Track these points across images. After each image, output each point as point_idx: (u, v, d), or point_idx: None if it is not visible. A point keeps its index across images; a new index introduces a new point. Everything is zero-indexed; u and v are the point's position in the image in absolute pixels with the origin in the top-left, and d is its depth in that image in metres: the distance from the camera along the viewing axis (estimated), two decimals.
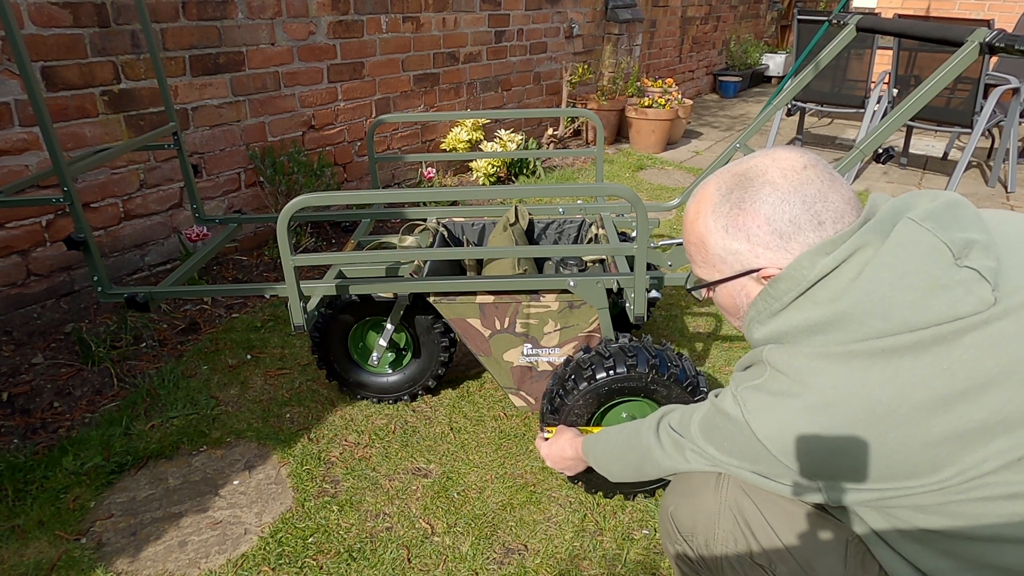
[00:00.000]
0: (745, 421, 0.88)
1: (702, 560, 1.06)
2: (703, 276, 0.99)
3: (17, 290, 2.46)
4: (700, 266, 0.98)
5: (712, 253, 0.93)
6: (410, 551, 1.58)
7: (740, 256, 0.91)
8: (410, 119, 1.97)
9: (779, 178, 0.87)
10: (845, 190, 0.87)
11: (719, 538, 1.03)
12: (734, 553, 1.01)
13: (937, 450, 0.77)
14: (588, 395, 1.58)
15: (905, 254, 0.79)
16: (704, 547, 1.05)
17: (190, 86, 2.84)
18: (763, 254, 0.89)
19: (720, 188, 0.92)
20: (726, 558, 1.02)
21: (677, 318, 2.67)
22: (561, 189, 1.48)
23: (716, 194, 0.92)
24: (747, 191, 0.89)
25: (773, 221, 0.87)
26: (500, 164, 4.30)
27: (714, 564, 1.04)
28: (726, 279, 0.94)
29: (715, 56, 8.28)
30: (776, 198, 0.87)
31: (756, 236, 0.88)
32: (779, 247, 0.87)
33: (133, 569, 1.53)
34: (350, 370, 2.05)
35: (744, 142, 2.08)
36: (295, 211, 1.41)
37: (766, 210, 0.87)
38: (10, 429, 1.96)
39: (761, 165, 0.90)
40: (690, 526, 1.07)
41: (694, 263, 0.99)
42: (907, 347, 0.78)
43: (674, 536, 1.11)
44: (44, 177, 1.66)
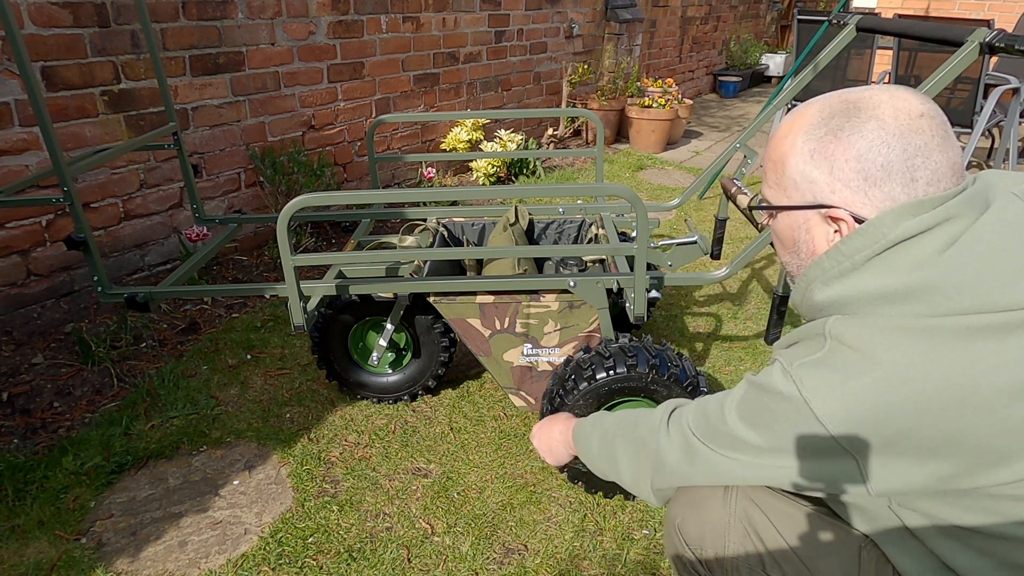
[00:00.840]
0: (803, 399, 0.79)
1: (709, 572, 1.04)
2: (770, 198, 0.92)
3: (17, 290, 2.46)
4: (771, 186, 0.91)
5: (788, 176, 0.86)
6: (410, 551, 1.58)
7: (815, 187, 0.84)
8: (410, 119, 1.97)
9: (889, 117, 0.79)
10: (953, 153, 0.79)
11: (730, 550, 1.01)
12: (746, 565, 1.00)
13: (1010, 440, 0.72)
14: (588, 395, 1.58)
15: (1005, 229, 0.74)
16: (714, 560, 1.03)
17: (190, 86, 2.84)
18: (840, 191, 0.82)
19: (823, 111, 0.84)
20: (737, 570, 1.00)
21: (677, 318, 2.67)
22: (561, 189, 1.48)
23: (816, 115, 0.84)
24: (849, 120, 0.81)
25: (864, 159, 0.79)
26: (500, 164, 4.30)
27: (721, 574, 1.03)
28: (792, 207, 0.87)
29: (715, 56, 8.28)
30: (877, 137, 0.79)
31: (840, 170, 0.81)
32: (859, 189, 0.80)
33: (133, 569, 1.53)
34: (350, 370, 2.05)
35: (744, 142, 2.08)
36: (295, 211, 1.40)
37: (861, 146, 0.79)
38: (10, 429, 1.96)
39: (876, 99, 0.81)
40: (698, 538, 1.05)
41: (766, 181, 0.93)
42: (993, 328, 0.72)
43: (681, 548, 1.08)
44: (44, 177, 1.66)
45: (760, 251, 1.68)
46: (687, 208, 3.97)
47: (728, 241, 3.41)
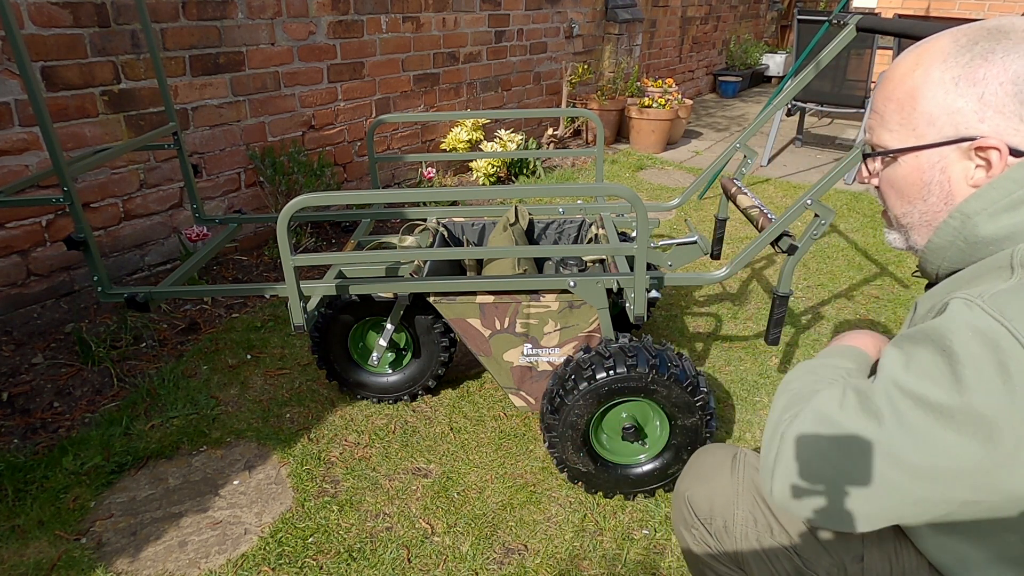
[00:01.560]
0: (1007, 330, 0.64)
1: (720, 544, 1.04)
2: (888, 142, 0.83)
3: (17, 290, 2.46)
4: (892, 129, 0.82)
5: (921, 111, 0.78)
6: (410, 551, 1.58)
7: (959, 118, 0.76)
8: (410, 119, 1.97)
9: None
10: None
11: (738, 519, 1.00)
12: (755, 534, 0.99)
13: None
14: (588, 395, 1.58)
15: None
16: (723, 530, 1.02)
17: (190, 86, 2.84)
18: (991, 119, 0.74)
19: (959, 40, 0.77)
20: (746, 539, 1.00)
21: (677, 318, 2.67)
22: (561, 189, 1.48)
23: (952, 45, 0.77)
24: (1000, 43, 0.74)
25: (1021, 82, 0.72)
26: (500, 164, 4.30)
27: (733, 547, 1.02)
28: (926, 146, 0.79)
29: (715, 56, 8.28)
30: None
31: (993, 96, 0.74)
32: (1014, 115, 0.73)
33: (133, 569, 1.53)
34: (350, 370, 2.05)
35: (744, 142, 2.08)
36: (295, 211, 1.40)
37: (1017, 68, 0.72)
38: (10, 429, 1.96)
39: (1020, 23, 0.75)
40: (707, 509, 1.04)
41: (882, 126, 0.83)
42: None
43: (690, 521, 1.08)
44: (44, 177, 1.66)
45: (760, 251, 1.68)
46: (687, 208, 3.97)
47: (728, 241, 3.41)
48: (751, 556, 0.99)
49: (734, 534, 1.01)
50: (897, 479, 0.70)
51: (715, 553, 1.06)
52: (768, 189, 4.37)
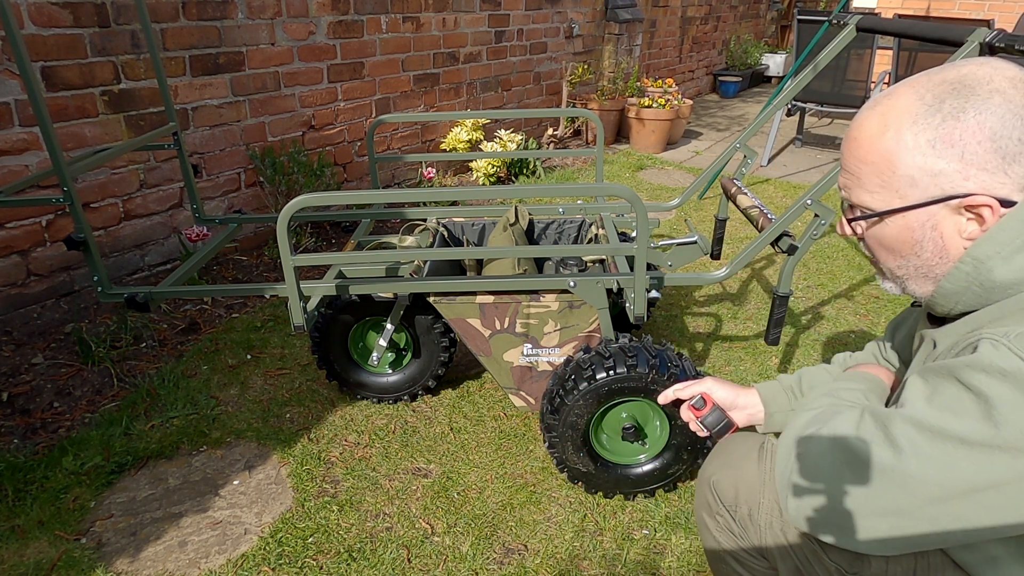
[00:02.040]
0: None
1: (745, 532, 1.03)
2: (873, 204, 0.82)
3: (17, 290, 2.46)
4: (872, 191, 0.82)
5: (901, 175, 0.78)
6: (410, 551, 1.58)
7: (943, 178, 0.76)
8: (410, 119, 1.97)
9: (1009, 88, 0.73)
10: None
11: (763, 509, 0.99)
12: (779, 524, 0.98)
13: None
14: (588, 395, 1.58)
15: None
16: (748, 518, 1.02)
17: (190, 86, 2.84)
18: (975, 176, 0.74)
19: (924, 97, 0.76)
20: (771, 529, 0.99)
21: (677, 318, 2.67)
22: (561, 189, 1.48)
23: (919, 104, 0.77)
24: (969, 100, 0.74)
25: (999, 138, 0.73)
26: (500, 164, 4.30)
27: (757, 536, 1.01)
28: (913, 207, 0.79)
29: (715, 56, 8.28)
30: (1007, 111, 0.72)
31: (972, 154, 0.74)
32: (998, 170, 0.73)
33: (133, 569, 1.53)
34: (350, 370, 2.05)
35: (744, 142, 2.08)
36: (295, 211, 1.41)
37: (993, 123, 0.73)
38: (10, 429, 1.96)
39: (982, 73, 0.75)
40: (733, 496, 1.04)
41: (861, 187, 0.83)
42: None
43: (715, 507, 1.07)
44: (44, 177, 1.66)
45: (760, 251, 1.68)
46: (687, 208, 3.97)
47: (728, 241, 3.41)
48: (775, 546, 0.98)
49: (759, 523, 1.00)
50: (907, 506, 0.72)
51: (739, 540, 1.05)
52: (768, 189, 4.37)
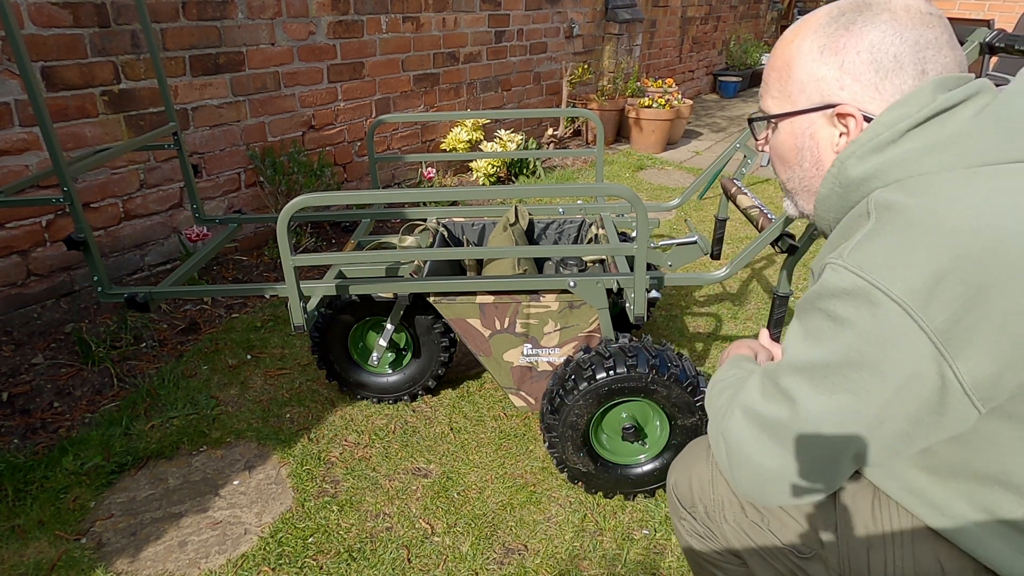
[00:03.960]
0: (869, 283, 0.68)
1: (708, 530, 1.05)
2: (770, 108, 0.88)
3: (17, 290, 2.46)
4: (773, 97, 0.88)
5: (794, 79, 0.84)
6: (410, 551, 1.58)
7: (824, 85, 0.81)
8: (410, 119, 1.97)
9: (901, 10, 0.78)
10: (959, 54, 0.79)
11: (717, 503, 1.02)
12: (732, 515, 1.00)
13: None
14: (588, 395, 1.58)
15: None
16: (706, 516, 1.04)
17: (190, 86, 2.84)
18: (849, 87, 0.79)
19: (832, 11, 0.82)
20: (726, 521, 1.01)
21: (677, 318, 2.67)
22: (561, 189, 1.48)
23: (826, 16, 0.82)
24: (862, 14, 0.79)
25: (876, 51, 0.77)
26: (500, 164, 4.30)
27: (718, 531, 1.03)
28: (797, 112, 0.84)
29: (715, 56, 8.28)
30: (890, 28, 0.77)
31: (851, 64, 0.78)
32: (870, 83, 0.78)
33: (133, 569, 1.53)
34: (350, 370, 2.05)
35: (744, 142, 2.08)
36: (295, 211, 1.40)
37: (873, 36, 0.77)
38: (10, 429, 1.96)
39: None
40: (690, 497, 1.06)
41: (767, 93, 0.89)
42: None
43: (679, 512, 1.09)
44: (44, 177, 1.66)
45: (760, 251, 1.68)
46: (687, 208, 3.97)
47: (728, 241, 3.41)
48: (734, 538, 1.00)
49: (716, 519, 1.02)
50: (829, 444, 0.75)
51: (707, 542, 1.06)
52: (768, 189, 4.37)
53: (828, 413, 0.73)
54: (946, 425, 0.71)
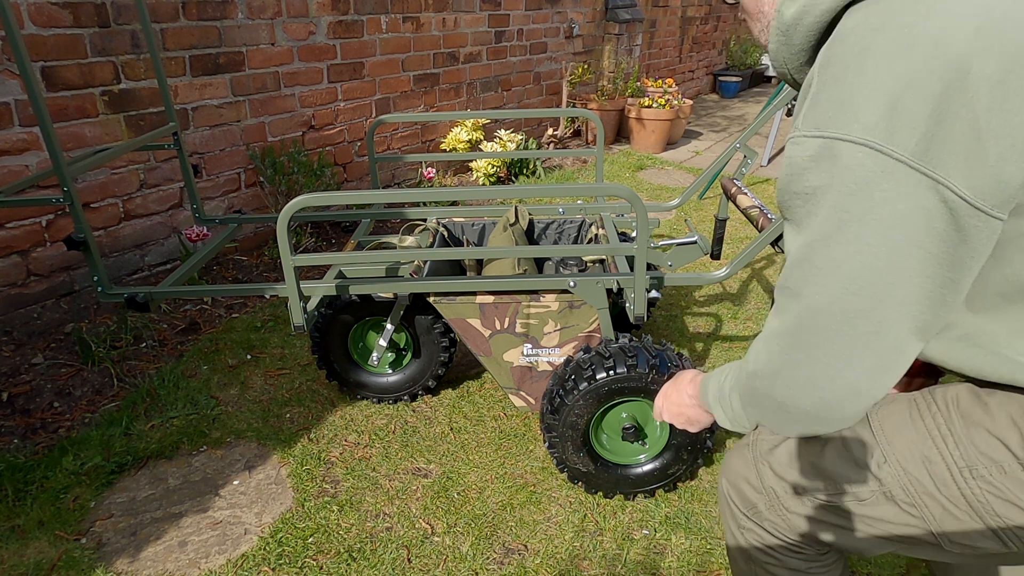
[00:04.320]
0: (828, 138, 0.65)
1: (775, 525, 0.98)
2: None
3: (17, 290, 2.46)
4: None
5: None
6: (410, 551, 1.58)
7: None
8: (410, 119, 1.97)
9: None
10: None
11: (769, 494, 0.96)
12: (787, 499, 0.94)
13: None
14: (588, 395, 1.58)
15: None
16: (769, 509, 0.97)
17: (190, 86, 2.84)
18: None
19: None
20: (786, 510, 0.95)
21: (677, 318, 2.67)
22: (561, 189, 1.48)
23: None
24: None
25: None
26: (500, 164, 4.30)
27: (782, 522, 0.97)
28: None
29: (715, 56, 8.28)
30: None
31: None
32: None
33: (133, 569, 1.53)
34: (350, 370, 2.05)
35: (744, 142, 2.08)
36: (295, 211, 1.40)
37: None
38: (10, 429, 1.96)
39: None
40: (741, 497, 1.01)
41: None
42: None
43: (739, 517, 1.03)
44: (44, 177, 1.66)
45: (760, 251, 1.68)
46: (687, 208, 3.97)
47: (728, 241, 3.41)
48: (799, 521, 0.94)
49: (777, 508, 0.96)
50: (867, 317, 0.69)
51: (771, 537, 0.99)
52: (768, 189, 4.37)
53: (847, 284, 0.68)
54: (976, 248, 0.65)
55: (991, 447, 0.77)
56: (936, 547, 0.84)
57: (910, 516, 0.84)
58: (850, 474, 0.87)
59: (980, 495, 0.77)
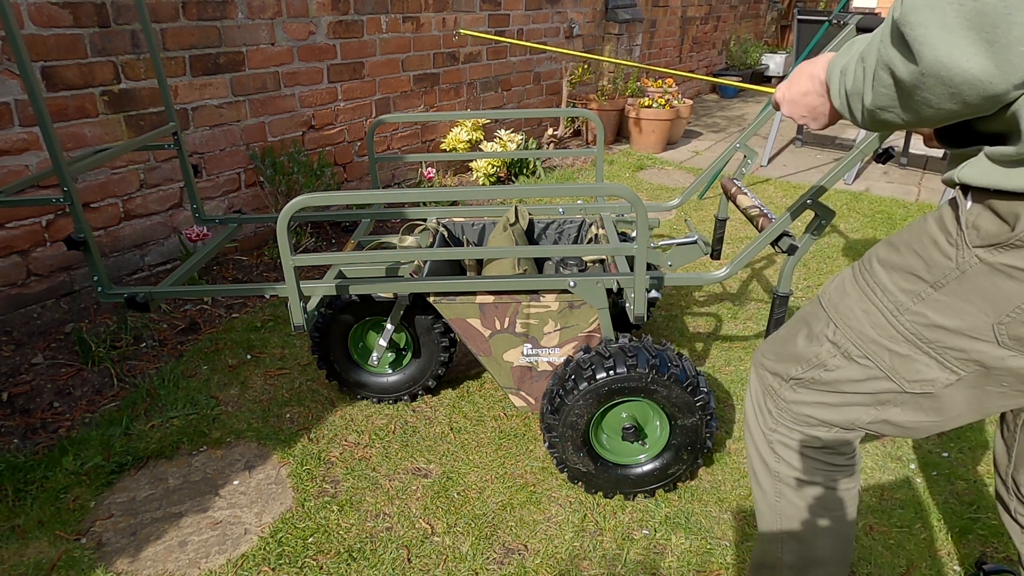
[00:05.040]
0: None
1: (784, 423, 1.07)
2: None
3: (17, 290, 2.46)
4: None
5: None
6: (410, 551, 1.58)
7: None
8: (410, 119, 1.97)
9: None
10: None
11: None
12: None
13: None
14: (588, 395, 1.58)
15: None
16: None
17: (190, 86, 2.84)
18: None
19: None
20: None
21: (677, 318, 2.67)
22: (561, 189, 1.48)
23: None
24: None
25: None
26: (500, 164, 4.30)
27: (786, 412, 1.07)
28: None
29: (715, 56, 8.28)
30: None
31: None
32: None
33: (133, 569, 1.53)
34: (350, 370, 2.05)
35: (744, 142, 2.08)
36: (295, 211, 1.40)
37: None
38: (10, 429, 1.96)
39: None
40: (794, 355, 1.06)
41: None
42: None
43: (766, 434, 1.11)
44: (44, 177, 1.66)
45: (760, 251, 1.68)
46: (687, 208, 3.97)
47: (728, 241, 3.41)
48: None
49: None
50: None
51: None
52: (768, 189, 4.37)
53: None
54: None
55: (906, 280, 0.87)
56: (900, 393, 0.94)
57: (867, 368, 0.95)
58: (814, 347, 1.00)
59: (911, 327, 0.88)
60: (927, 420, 0.95)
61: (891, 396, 0.94)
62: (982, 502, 1.73)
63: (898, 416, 0.96)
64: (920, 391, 0.91)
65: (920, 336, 0.87)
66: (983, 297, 0.80)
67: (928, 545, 1.61)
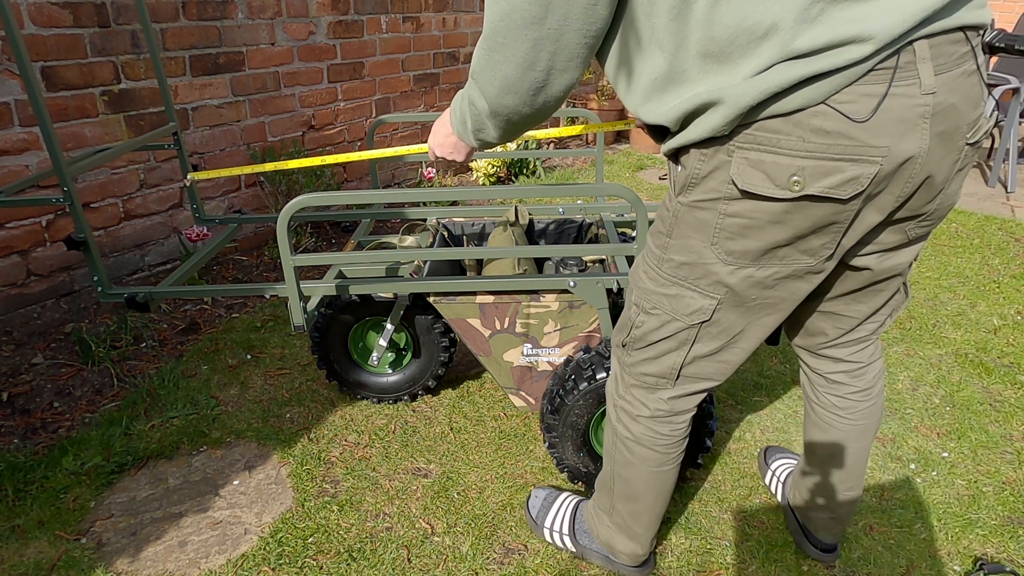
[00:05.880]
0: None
1: (632, 357, 1.23)
2: None
3: (17, 290, 2.46)
4: None
5: None
6: (410, 551, 1.58)
7: None
8: (410, 119, 1.97)
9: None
10: None
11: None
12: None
13: None
14: (588, 395, 1.58)
15: None
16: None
17: (190, 86, 2.84)
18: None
19: None
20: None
21: None
22: (561, 189, 1.48)
23: None
24: None
25: None
26: (500, 164, 4.31)
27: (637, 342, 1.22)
28: None
29: None
30: None
31: None
32: None
33: (133, 569, 1.53)
34: (350, 370, 2.05)
35: None
36: (295, 211, 1.40)
37: None
38: (10, 429, 1.96)
39: None
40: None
41: None
42: None
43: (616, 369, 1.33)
44: (44, 177, 1.66)
45: None
46: None
47: None
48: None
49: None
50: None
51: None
52: None
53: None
54: None
55: (657, 238, 1.10)
56: (688, 328, 1.11)
57: (659, 316, 1.13)
58: (627, 313, 1.20)
59: (669, 271, 1.09)
60: (725, 343, 1.12)
61: (685, 333, 1.12)
62: (982, 502, 1.73)
63: (702, 349, 1.13)
64: (700, 320, 1.09)
65: (677, 275, 1.08)
66: (694, 228, 1.02)
67: (928, 545, 1.61)
